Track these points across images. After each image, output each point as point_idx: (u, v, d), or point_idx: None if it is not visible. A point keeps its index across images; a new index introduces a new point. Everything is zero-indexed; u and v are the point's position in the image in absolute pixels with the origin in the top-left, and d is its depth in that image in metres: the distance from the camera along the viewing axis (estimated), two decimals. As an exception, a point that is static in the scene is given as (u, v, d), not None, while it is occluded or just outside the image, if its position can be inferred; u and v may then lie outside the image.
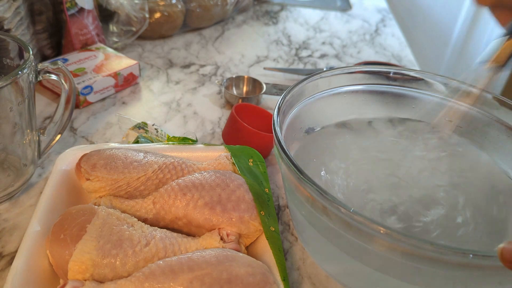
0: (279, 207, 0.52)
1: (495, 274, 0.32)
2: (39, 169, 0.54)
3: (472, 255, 0.30)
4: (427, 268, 0.33)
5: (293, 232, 0.49)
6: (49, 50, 0.74)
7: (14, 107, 0.45)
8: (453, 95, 0.50)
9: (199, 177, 0.45)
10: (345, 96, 0.51)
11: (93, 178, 0.44)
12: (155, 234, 0.40)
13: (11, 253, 0.44)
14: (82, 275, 0.37)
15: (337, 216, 0.33)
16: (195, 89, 0.74)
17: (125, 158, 0.46)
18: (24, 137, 0.48)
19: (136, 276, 0.36)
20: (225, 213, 0.42)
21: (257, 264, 0.38)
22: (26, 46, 0.46)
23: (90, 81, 0.66)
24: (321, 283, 0.44)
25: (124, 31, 0.81)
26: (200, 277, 0.36)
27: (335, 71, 0.50)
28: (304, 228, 0.41)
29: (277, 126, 0.40)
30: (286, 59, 0.88)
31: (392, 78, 0.51)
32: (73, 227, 0.38)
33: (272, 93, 0.73)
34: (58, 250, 0.37)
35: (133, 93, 0.71)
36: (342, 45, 0.96)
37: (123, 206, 0.43)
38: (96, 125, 0.63)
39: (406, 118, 0.54)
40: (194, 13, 0.91)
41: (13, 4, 0.62)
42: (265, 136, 0.56)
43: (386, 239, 0.31)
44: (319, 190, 0.34)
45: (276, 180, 0.56)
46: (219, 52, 0.88)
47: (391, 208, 0.42)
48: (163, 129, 0.62)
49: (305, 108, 0.48)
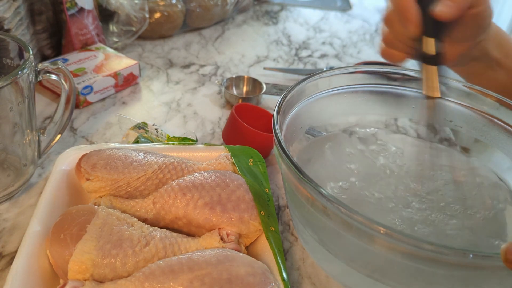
0: (279, 207, 0.52)
1: (495, 274, 0.32)
2: (39, 169, 0.54)
3: (472, 255, 0.30)
4: (427, 268, 0.33)
5: (293, 232, 0.49)
6: (49, 50, 0.74)
7: (14, 107, 0.45)
8: (453, 95, 0.50)
9: (199, 177, 0.45)
10: (345, 96, 0.51)
11: (93, 178, 0.44)
12: (155, 234, 0.40)
13: (11, 253, 0.44)
14: (82, 275, 0.37)
15: (337, 216, 0.33)
16: (195, 89, 0.74)
17: (125, 158, 0.46)
18: (24, 137, 0.48)
19: (136, 276, 0.36)
20: (225, 213, 0.42)
21: (257, 264, 0.38)
22: (26, 46, 0.46)
23: (90, 81, 0.66)
24: (321, 283, 0.44)
25: (124, 31, 0.81)
26: (200, 277, 0.36)
27: (335, 71, 0.50)
28: (304, 228, 0.41)
29: (277, 126, 0.40)
30: (286, 59, 0.88)
31: (392, 78, 0.51)
32: (73, 227, 0.38)
33: (272, 93, 0.73)
34: (58, 250, 0.37)
35: (133, 93, 0.71)
36: (342, 45, 0.96)
37: (123, 206, 0.43)
38: (96, 125, 0.63)
39: (406, 118, 0.54)
40: (194, 13, 0.91)
41: (13, 4, 0.62)
42: (265, 136, 0.56)
43: (386, 239, 0.31)
44: (319, 190, 0.34)
45: (276, 180, 0.56)
46: (219, 52, 0.88)
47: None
48: (163, 129, 0.62)
49: (305, 108, 0.48)
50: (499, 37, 0.52)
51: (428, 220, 0.42)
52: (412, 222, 0.41)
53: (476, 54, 0.50)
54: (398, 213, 0.42)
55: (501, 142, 0.48)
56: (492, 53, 0.51)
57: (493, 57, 0.52)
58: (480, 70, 0.53)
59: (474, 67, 0.53)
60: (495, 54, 0.52)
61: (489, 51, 0.51)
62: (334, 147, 0.51)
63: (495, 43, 0.51)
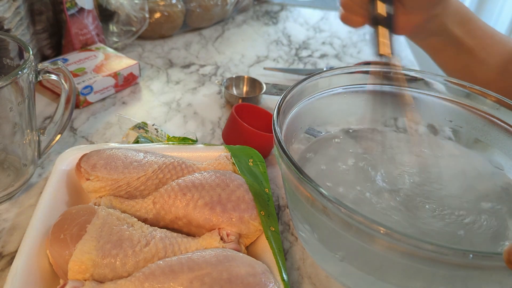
0: (279, 207, 0.52)
1: (495, 274, 0.32)
2: (39, 169, 0.54)
3: (472, 255, 0.30)
4: (427, 268, 0.33)
5: (293, 232, 0.49)
6: (49, 50, 0.74)
7: (14, 107, 0.45)
8: (453, 95, 0.50)
9: (199, 177, 0.45)
10: (345, 96, 0.51)
11: (93, 178, 0.44)
12: (155, 234, 0.40)
13: (11, 253, 0.44)
14: (82, 275, 0.37)
15: (337, 216, 0.33)
16: (195, 89, 0.74)
17: (125, 158, 0.46)
18: (24, 137, 0.48)
19: (136, 276, 0.36)
20: (225, 213, 0.42)
21: (257, 264, 0.38)
22: (26, 46, 0.46)
23: (90, 81, 0.66)
24: (321, 283, 0.44)
25: (124, 31, 0.81)
26: (200, 277, 0.36)
27: (335, 71, 0.50)
28: (304, 228, 0.41)
29: (277, 126, 0.40)
30: (286, 59, 0.88)
31: (392, 78, 0.51)
32: (73, 227, 0.38)
33: (272, 93, 0.73)
34: (58, 250, 0.37)
35: (133, 93, 0.71)
36: (342, 45, 0.96)
37: (123, 206, 0.43)
38: (96, 125, 0.63)
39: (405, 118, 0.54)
40: (194, 13, 0.91)
41: (13, 4, 0.62)
42: (265, 136, 0.56)
43: (386, 239, 0.31)
44: (319, 190, 0.34)
45: (276, 180, 0.56)
46: (219, 52, 0.88)
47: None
48: (163, 129, 0.62)
49: (305, 108, 0.48)
50: (461, 15, 0.52)
51: (437, 218, 0.42)
52: (413, 224, 0.41)
53: (434, 28, 0.51)
54: (399, 214, 0.42)
55: (501, 142, 0.48)
56: (452, 30, 0.52)
57: (454, 34, 0.52)
58: (440, 46, 0.53)
59: (435, 43, 0.53)
60: (455, 31, 0.52)
61: (448, 27, 0.51)
62: (334, 147, 0.51)
63: (456, 20, 0.51)
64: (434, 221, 0.41)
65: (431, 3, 0.48)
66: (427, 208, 0.43)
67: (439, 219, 0.41)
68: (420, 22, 0.48)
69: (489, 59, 0.54)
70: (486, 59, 0.54)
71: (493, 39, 0.54)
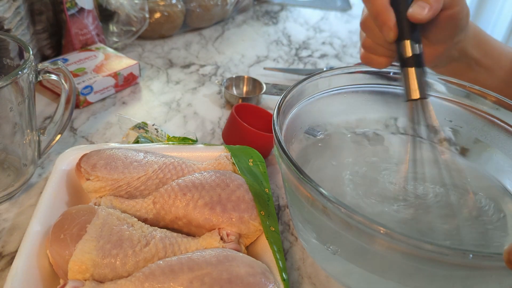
0: (279, 207, 0.52)
1: (495, 274, 0.32)
2: (39, 169, 0.54)
3: (472, 255, 0.30)
4: (427, 268, 0.33)
5: (293, 232, 0.49)
6: (49, 50, 0.74)
7: (14, 107, 0.45)
8: (452, 95, 0.50)
9: (199, 177, 0.45)
10: (345, 96, 0.51)
11: (93, 178, 0.44)
12: (155, 234, 0.40)
13: (11, 253, 0.44)
14: (82, 275, 0.37)
15: (337, 216, 0.33)
16: (195, 89, 0.74)
17: (125, 158, 0.46)
18: (24, 137, 0.48)
19: (136, 276, 0.36)
20: (225, 213, 0.42)
21: (257, 264, 0.38)
22: (26, 46, 0.46)
23: (90, 81, 0.66)
24: (321, 283, 0.44)
25: (124, 31, 0.81)
26: (200, 277, 0.36)
27: (335, 71, 0.50)
28: (304, 228, 0.41)
29: (277, 126, 0.40)
30: (286, 59, 0.88)
31: (392, 78, 0.51)
32: (73, 227, 0.38)
33: (272, 93, 0.73)
34: (58, 250, 0.37)
35: (133, 93, 0.71)
36: (342, 45, 0.96)
37: (123, 206, 0.43)
38: (96, 125, 0.63)
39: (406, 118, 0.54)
40: (194, 13, 0.91)
41: (13, 4, 0.62)
42: (265, 136, 0.56)
43: (386, 239, 0.31)
44: (319, 190, 0.34)
45: (276, 180, 0.56)
46: (219, 52, 0.88)
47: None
48: (163, 129, 0.62)
49: (305, 108, 0.48)
50: (478, 37, 0.52)
51: (439, 219, 0.42)
52: (412, 223, 0.41)
53: (456, 54, 0.51)
54: (399, 214, 0.42)
55: (501, 142, 0.48)
56: (471, 53, 0.51)
57: (472, 57, 0.52)
58: (461, 70, 0.53)
59: (454, 68, 0.53)
60: (474, 54, 0.52)
61: (468, 51, 0.51)
62: (334, 147, 0.51)
63: (474, 43, 0.51)
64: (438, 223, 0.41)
65: (455, 32, 0.47)
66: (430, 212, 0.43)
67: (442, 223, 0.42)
68: (443, 51, 0.47)
69: (507, 77, 0.54)
70: (504, 78, 0.54)
71: (507, 57, 0.54)
